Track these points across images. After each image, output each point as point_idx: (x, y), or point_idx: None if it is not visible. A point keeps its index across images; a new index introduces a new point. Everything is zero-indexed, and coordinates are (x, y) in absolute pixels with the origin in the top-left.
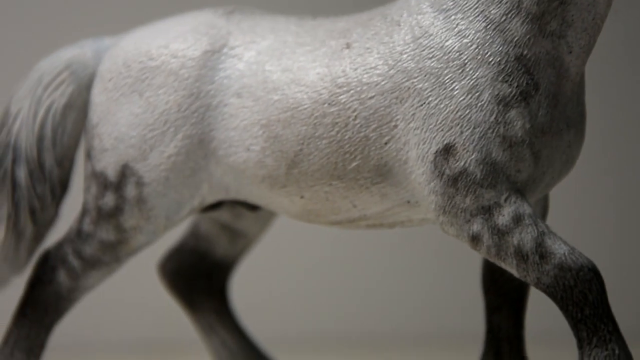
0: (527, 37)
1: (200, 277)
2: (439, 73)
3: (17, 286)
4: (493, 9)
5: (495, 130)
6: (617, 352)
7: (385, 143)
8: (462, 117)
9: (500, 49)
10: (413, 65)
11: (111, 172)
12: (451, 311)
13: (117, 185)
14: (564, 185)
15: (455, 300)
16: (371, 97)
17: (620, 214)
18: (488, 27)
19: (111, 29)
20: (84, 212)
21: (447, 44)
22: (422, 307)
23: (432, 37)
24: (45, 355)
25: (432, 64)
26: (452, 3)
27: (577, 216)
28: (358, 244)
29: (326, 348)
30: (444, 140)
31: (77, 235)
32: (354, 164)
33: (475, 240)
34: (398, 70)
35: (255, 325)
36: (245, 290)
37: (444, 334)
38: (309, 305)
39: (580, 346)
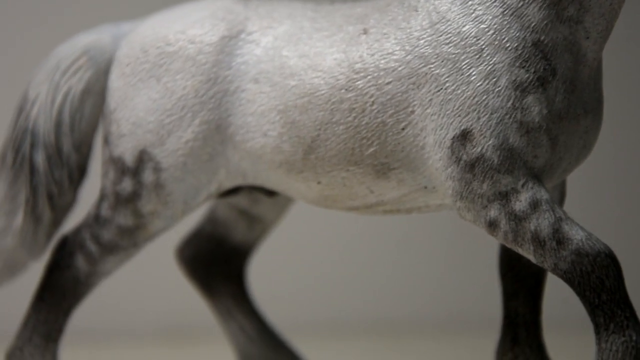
0: (544, 22)
1: (218, 263)
2: (456, 59)
3: (36, 271)
4: None
5: (513, 116)
6: (634, 337)
7: (403, 129)
8: (479, 102)
9: (518, 34)
10: (430, 51)
11: (129, 158)
12: (467, 297)
13: (134, 170)
14: (580, 171)
15: (471, 286)
16: (388, 83)
17: (637, 200)
18: (505, 12)
19: (125, 16)
20: (102, 197)
21: (464, 29)
22: (439, 293)
23: (449, 23)
24: (63, 340)
25: (449, 50)
26: None
27: (594, 202)
28: (375, 230)
29: (343, 334)
30: (461, 126)
31: (95, 220)
32: (371, 149)
33: (492, 226)
34: (415, 56)
35: (272, 311)
36: (262, 276)
37: (460, 320)
38: (326, 292)
39: (598, 332)
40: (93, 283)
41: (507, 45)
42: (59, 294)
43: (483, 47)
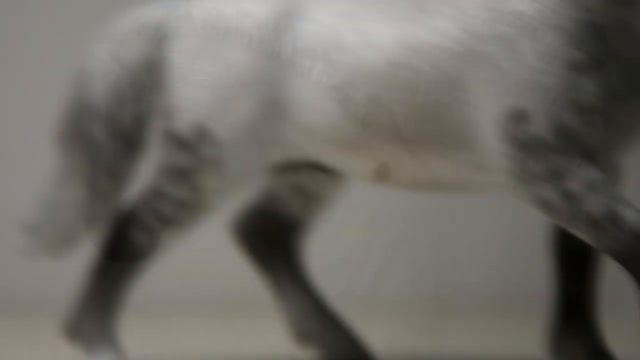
0: (600, 3)
1: (273, 239)
2: (511, 38)
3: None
4: None
5: (567, 96)
6: None
7: (457, 107)
8: (533, 82)
9: (573, 14)
10: (485, 30)
11: (186, 132)
12: (513, 277)
13: (192, 145)
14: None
15: (525, 266)
16: (443, 61)
17: None
18: None
19: None
20: (159, 171)
21: (519, 8)
22: (493, 272)
23: (504, 2)
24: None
25: (504, 29)
26: None
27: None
28: (416, 206)
29: (397, 309)
30: (515, 105)
31: (153, 195)
32: (426, 127)
33: (546, 205)
34: (470, 35)
35: (328, 287)
36: (318, 252)
37: (514, 300)
38: (385, 266)
39: None
40: (150, 257)
41: (563, 24)
42: (116, 267)
43: (538, 26)
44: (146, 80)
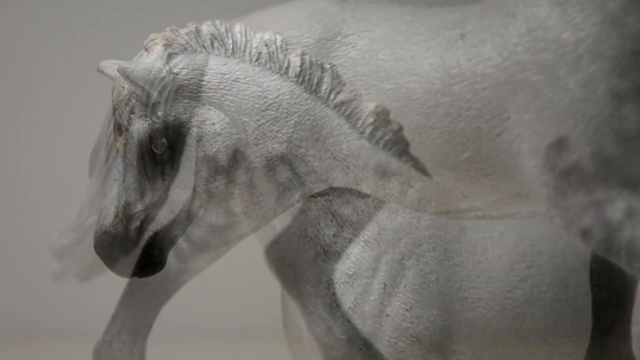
0: None
1: (305, 263)
2: (554, 66)
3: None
4: (610, 2)
5: (610, 125)
6: None
7: (498, 135)
8: (576, 110)
9: (617, 43)
10: (528, 58)
11: (222, 157)
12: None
13: (227, 169)
14: None
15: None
16: (485, 89)
17: None
18: (605, 20)
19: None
20: (194, 195)
21: (562, 36)
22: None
23: (547, 30)
24: (150, 337)
25: (547, 57)
26: None
27: None
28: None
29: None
30: (557, 134)
31: (187, 218)
32: (466, 154)
33: (586, 234)
34: (512, 62)
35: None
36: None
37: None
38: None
39: None
40: (183, 280)
41: (606, 53)
42: (148, 291)
43: (581, 54)
44: (180, 105)
